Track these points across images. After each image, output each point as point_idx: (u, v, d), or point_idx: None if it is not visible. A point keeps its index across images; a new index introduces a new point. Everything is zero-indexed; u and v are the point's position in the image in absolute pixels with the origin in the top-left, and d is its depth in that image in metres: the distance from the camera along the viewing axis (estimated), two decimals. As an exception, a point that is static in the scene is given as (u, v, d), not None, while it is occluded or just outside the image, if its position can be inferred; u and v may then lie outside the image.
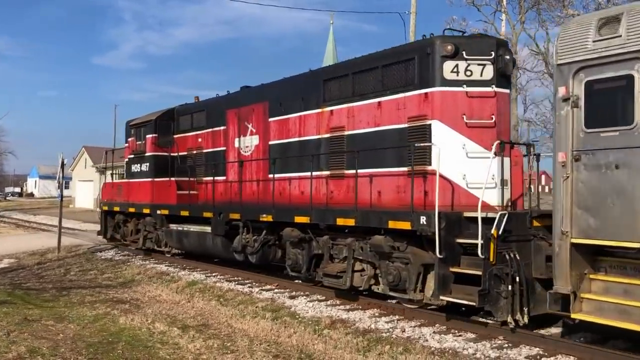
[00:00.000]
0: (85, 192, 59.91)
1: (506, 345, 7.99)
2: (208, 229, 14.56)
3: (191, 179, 16.32)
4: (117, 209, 19.23)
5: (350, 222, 10.17)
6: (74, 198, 63.24)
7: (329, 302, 10.99)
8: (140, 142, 18.17)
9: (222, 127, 15.37)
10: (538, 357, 7.56)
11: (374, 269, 10.49)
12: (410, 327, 9.03)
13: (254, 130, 14.14)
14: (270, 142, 13.54)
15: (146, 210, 17.32)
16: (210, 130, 15.95)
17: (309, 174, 11.89)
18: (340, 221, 10.35)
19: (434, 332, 8.70)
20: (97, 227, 34.55)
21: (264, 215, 12.34)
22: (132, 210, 18.16)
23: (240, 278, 13.80)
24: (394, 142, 10.26)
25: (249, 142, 14.31)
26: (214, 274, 14.53)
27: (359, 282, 10.67)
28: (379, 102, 10.67)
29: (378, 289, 10.24)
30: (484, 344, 8.04)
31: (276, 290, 12.25)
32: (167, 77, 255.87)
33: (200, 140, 16.41)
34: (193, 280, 13.63)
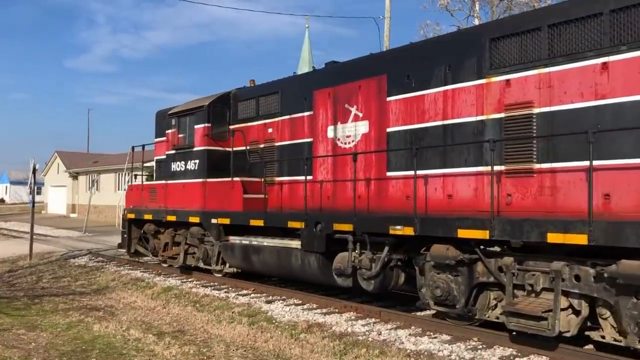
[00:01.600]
0: (58, 197, 57.52)
1: (480, 346, 7.90)
2: (294, 243, 10.95)
3: (256, 179, 12.72)
4: (148, 217, 15.41)
5: (580, 239, 6.69)
6: (46, 204, 60.46)
7: (305, 306, 10.78)
8: (183, 135, 14.42)
9: (305, 113, 11.75)
10: (512, 357, 7.46)
11: (589, 306, 7.13)
12: (387, 329, 8.91)
13: (361, 115, 10.57)
14: (390, 129, 9.97)
15: (194, 219, 13.59)
16: (286, 117, 12.30)
17: (459, 169, 8.49)
18: (564, 238, 6.83)
19: (409, 335, 8.59)
20: (71, 234, 33.69)
21: (398, 228, 8.79)
22: (171, 218, 14.40)
23: (216, 283, 13.52)
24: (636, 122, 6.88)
25: (352, 130, 10.73)
26: (189, 280, 14.24)
27: (566, 326, 7.25)
28: (605, 64, 7.25)
29: (614, 339, 6.90)
30: (458, 345, 7.97)
31: (252, 295, 12.01)
32: (141, 81, 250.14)
33: (270, 130, 12.75)
34: (169, 286, 13.27)
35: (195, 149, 13.88)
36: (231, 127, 13.86)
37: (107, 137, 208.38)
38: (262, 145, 12.94)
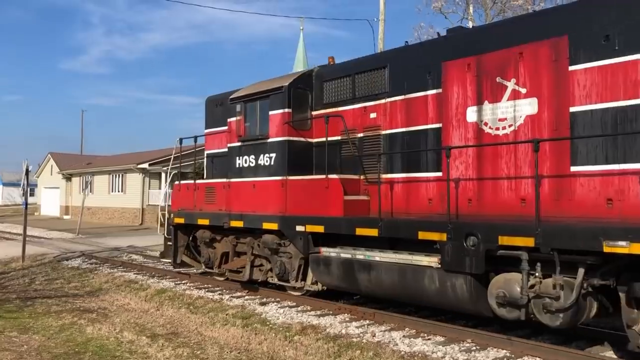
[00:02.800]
0: (52, 199, 55.82)
1: (474, 348, 7.73)
2: (425, 260, 8.30)
3: (351, 176, 10.05)
4: (203, 221, 12.71)
5: None
6: (39, 205, 58.69)
7: (299, 308, 10.60)
8: (252, 123, 11.69)
9: (430, 92, 9.04)
10: (505, 358, 7.33)
11: None
12: (381, 331, 8.77)
13: (523, 91, 7.91)
14: (575, 109, 7.36)
15: (269, 226, 10.91)
16: (399, 98, 9.55)
17: None
18: None
19: (403, 336, 8.47)
20: (64, 235, 31.38)
21: (621, 245, 6.14)
22: (236, 224, 11.71)
23: (210, 285, 13.15)
24: None
25: (508, 112, 8.02)
26: (183, 282, 13.87)
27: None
28: None
29: None
30: (452, 347, 7.82)
31: (247, 297, 11.75)
32: (136, 82, 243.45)
33: (374, 115, 10.03)
34: (162, 288, 12.98)
35: (270, 140, 11.15)
36: (314, 112, 11.17)
37: (101, 139, 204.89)
38: (360, 135, 10.22)
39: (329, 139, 10.63)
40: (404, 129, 9.46)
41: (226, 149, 12.97)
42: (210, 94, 11.98)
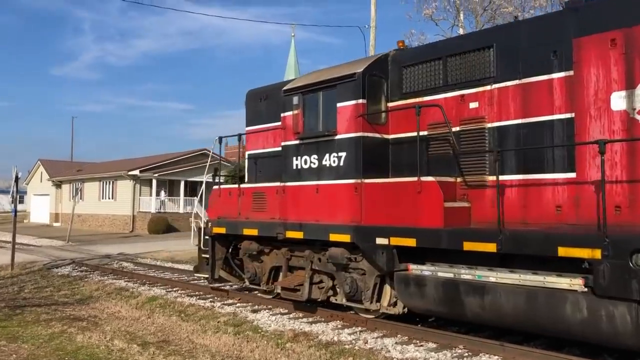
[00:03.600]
0: (41, 206, 54.98)
1: (466, 354, 7.61)
2: (564, 282, 6.61)
3: (448, 179, 8.34)
4: (251, 231, 10.94)
5: None
6: (28, 213, 57.79)
7: (291, 315, 10.39)
8: (314, 118, 9.92)
9: (556, 75, 7.27)
10: None
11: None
12: (373, 338, 8.60)
13: None
14: None
15: (339, 237, 9.18)
16: (511, 84, 7.79)
17: None
18: None
19: (396, 343, 8.30)
20: (54, 243, 30.17)
21: None
22: (294, 235, 9.97)
23: (201, 292, 12.99)
24: None
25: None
26: (174, 289, 13.64)
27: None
28: None
29: None
30: (444, 353, 7.67)
31: (238, 305, 11.58)
32: (127, 89, 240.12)
33: (475, 105, 8.27)
34: (153, 296, 12.76)
35: (339, 137, 9.39)
36: (391, 104, 9.46)
37: (92, 146, 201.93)
38: (456, 129, 8.52)
39: (409, 134, 8.95)
40: (519, 121, 7.74)
41: (275, 148, 11.27)
42: (202, 100, 10.39)
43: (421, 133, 8.80)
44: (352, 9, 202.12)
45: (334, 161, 9.47)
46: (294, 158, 10.22)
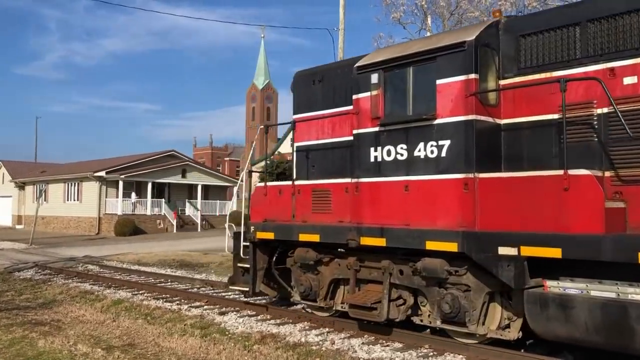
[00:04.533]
0: (3, 208, 53.21)
1: (431, 353, 7.70)
2: None
3: (596, 173, 6.54)
4: (311, 237, 9.02)
5: None
6: None
7: (259, 317, 10.27)
8: (398, 100, 8.12)
9: None
10: None
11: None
12: (340, 339, 8.61)
13: None
14: None
15: (442, 246, 7.32)
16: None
17: None
18: None
19: (362, 343, 8.33)
20: (16, 246, 28.70)
21: None
22: (373, 242, 8.11)
23: (168, 295, 12.61)
24: None
25: None
26: (141, 292, 13.32)
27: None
28: None
29: None
30: (410, 353, 7.75)
31: (206, 307, 11.30)
32: (93, 89, 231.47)
33: (631, 80, 6.49)
34: (119, 299, 12.34)
35: (440, 121, 7.54)
36: (503, 81, 7.65)
37: (57, 147, 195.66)
38: (602, 110, 6.75)
39: (534, 118, 7.17)
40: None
41: (335, 139, 9.43)
42: (171, 101, 8.50)
43: (551, 116, 7.04)
44: (322, 11, 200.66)
45: (431, 151, 7.62)
46: (372, 149, 8.34)
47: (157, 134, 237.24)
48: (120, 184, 40.02)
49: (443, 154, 7.48)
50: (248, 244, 10.32)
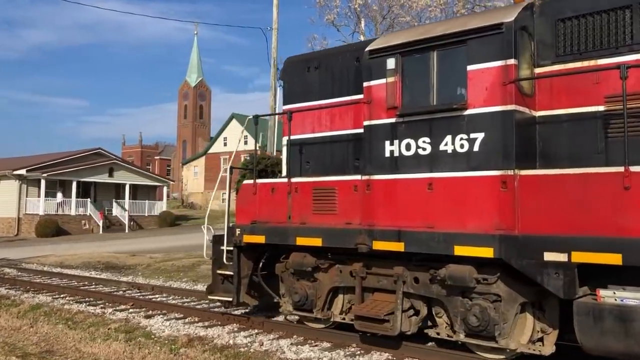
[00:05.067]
0: None
1: (358, 352, 7.80)
2: None
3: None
4: (311, 241, 8.03)
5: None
6: None
7: (186, 320, 10.03)
8: (419, 88, 7.26)
9: None
10: None
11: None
12: (269, 340, 8.54)
13: None
14: None
15: (475, 251, 6.53)
16: None
17: None
18: None
19: (291, 344, 8.31)
20: None
21: None
22: (389, 247, 7.22)
23: (91, 299, 12.27)
24: None
25: None
26: (62, 296, 12.78)
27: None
28: None
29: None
30: (338, 352, 7.81)
31: (131, 310, 11.02)
32: (12, 83, 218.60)
33: None
34: (38, 304, 11.75)
35: (472, 111, 6.73)
36: (539, 70, 6.93)
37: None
38: (658, 102, 6.14)
39: (574, 110, 6.51)
40: None
41: (335, 132, 8.55)
42: (98, 97, 7.55)
43: (596, 108, 6.39)
44: (256, 9, 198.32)
45: (461, 145, 6.82)
46: (387, 142, 7.45)
47: (83, 131, 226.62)
48: (43, 182, 38.04)
49: (475, 148, 6.69)
50: (232, 248, 9.20)
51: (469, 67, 6.76)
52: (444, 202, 6.88)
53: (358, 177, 7.74)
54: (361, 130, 8.14)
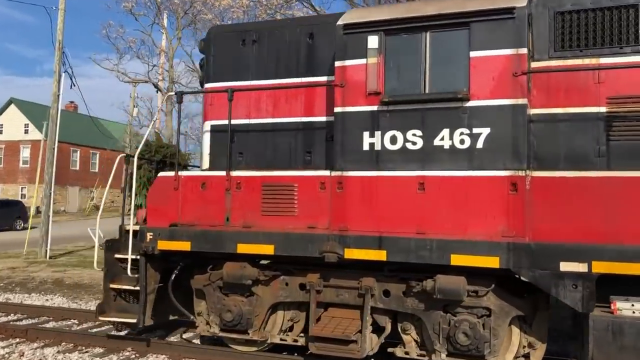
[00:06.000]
0: None
1: (134, 356, 7.56)
2: None
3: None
4: (259, 249, 6.54)
5: None
6: None
7: None
8: (403, 70, 6.24)
9: None
10: None
11: None
12: (31, 349, 7.87)
13: None
14: None
15: (475, 261, 5.67)
16: None
17: None
18: None
19: (58, 352, 7.74)
20: None
21: None
22: (368, 255, 6.11)
23: None
24: None
25: None
26: None
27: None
28: None
29: None
30: (111, 357, 7.52)
31: None
32: None
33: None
34: None
35: (476, 102, 5.94)
36: (537, 64, 6.37)
37: None
38: (663, 106, 5.93)
39: (572, 110, 6.13)
40: None
41: (281, 119, 7.27)
42: None
43: (598, 109, 6.05)
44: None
45: (461, 141, 6.01)
46: (366, 133, 6.37)
47: None
48: None
49: (479, 144, 5.94)
50: (136, 257, 7.31)
51: (472, 54, 6.00)
52: (438, 205, 6.01)
53: (326, 172, 6.53)
54: (314, 119, 7.01)
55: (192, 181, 7.12)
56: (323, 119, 7.11)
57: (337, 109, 6.52)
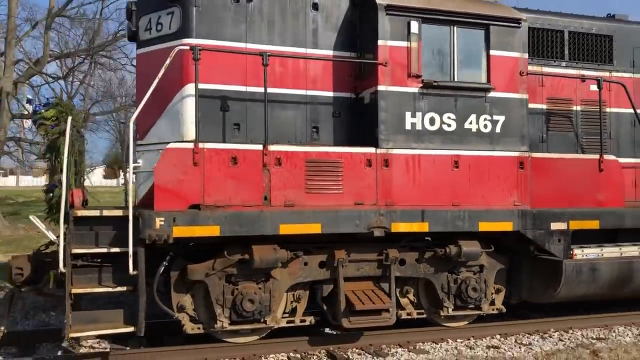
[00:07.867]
0: None
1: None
2: None
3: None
4: (305, 229, 5.99)
5: None
6: None
7: None
8: (437, 58, 6.61)
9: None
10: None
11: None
12: None
13: None
14: None
15: (496, 226, 6.73)
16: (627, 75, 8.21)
17: None
18: None
19: None
20: None
21: None
22: (412, 228, 6.42)
23: None
24: None
25: None
26: None
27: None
28: None
29: None
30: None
31: None
32: None
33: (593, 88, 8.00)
34: None
35: (496, 94, 6.93)
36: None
37: None
38: (577, 108, 8.08)
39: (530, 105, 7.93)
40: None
41: (284, 90, 6.92)
42: None
43: (540, 106, 7.94)
44: None
45: (484, 125, 7.03)
46: (408, 113, 6.72)
47: None
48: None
49: (497, 129, 7.08)
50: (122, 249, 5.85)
51: (492, 52, 7.04)
52: (469, 180, 6.92)
53: (370, 149, 6.58)
54: (319, 93, 6.95)
55: (219, 155, 6.03)
56: (330, 94, 7.01)
57: (381, 87, 6.62)
